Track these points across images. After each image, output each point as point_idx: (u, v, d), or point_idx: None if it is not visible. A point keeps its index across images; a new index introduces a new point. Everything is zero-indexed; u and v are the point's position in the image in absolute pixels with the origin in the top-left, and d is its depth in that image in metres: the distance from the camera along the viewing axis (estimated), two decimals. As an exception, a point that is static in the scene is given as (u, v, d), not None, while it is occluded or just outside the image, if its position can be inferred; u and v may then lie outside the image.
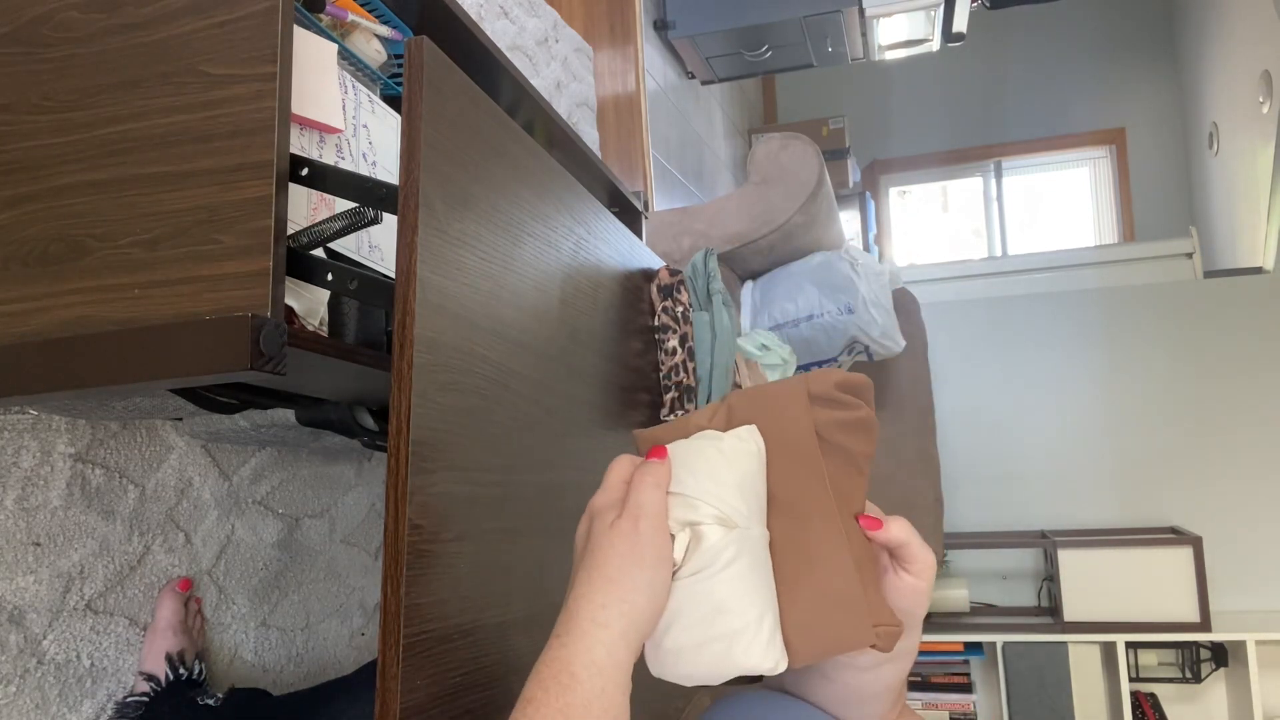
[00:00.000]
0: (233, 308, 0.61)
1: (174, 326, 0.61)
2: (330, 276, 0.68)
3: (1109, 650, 2.82)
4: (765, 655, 0.51)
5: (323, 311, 0.78)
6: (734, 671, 0.52)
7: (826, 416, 0.55)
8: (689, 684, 0.53)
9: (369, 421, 0.96)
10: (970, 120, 5.11)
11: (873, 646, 0.52)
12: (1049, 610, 3.05)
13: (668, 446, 0.56)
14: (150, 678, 0.98)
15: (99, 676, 0.96)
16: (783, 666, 0.52)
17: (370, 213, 0.69)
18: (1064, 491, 3.16)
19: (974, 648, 2.92)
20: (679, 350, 1.10)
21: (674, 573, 0.52)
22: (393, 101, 0.95)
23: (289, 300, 0.72)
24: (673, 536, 0.52)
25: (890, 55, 3.65)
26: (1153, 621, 2.77)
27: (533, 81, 1.78)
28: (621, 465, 0.56)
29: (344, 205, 0.72)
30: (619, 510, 0.53)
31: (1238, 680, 2.81)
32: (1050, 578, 2.96)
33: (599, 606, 0.49)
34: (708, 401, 1.17)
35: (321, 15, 0.89)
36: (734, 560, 0.52)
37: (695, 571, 0.51)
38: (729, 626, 0.51)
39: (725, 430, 0.57)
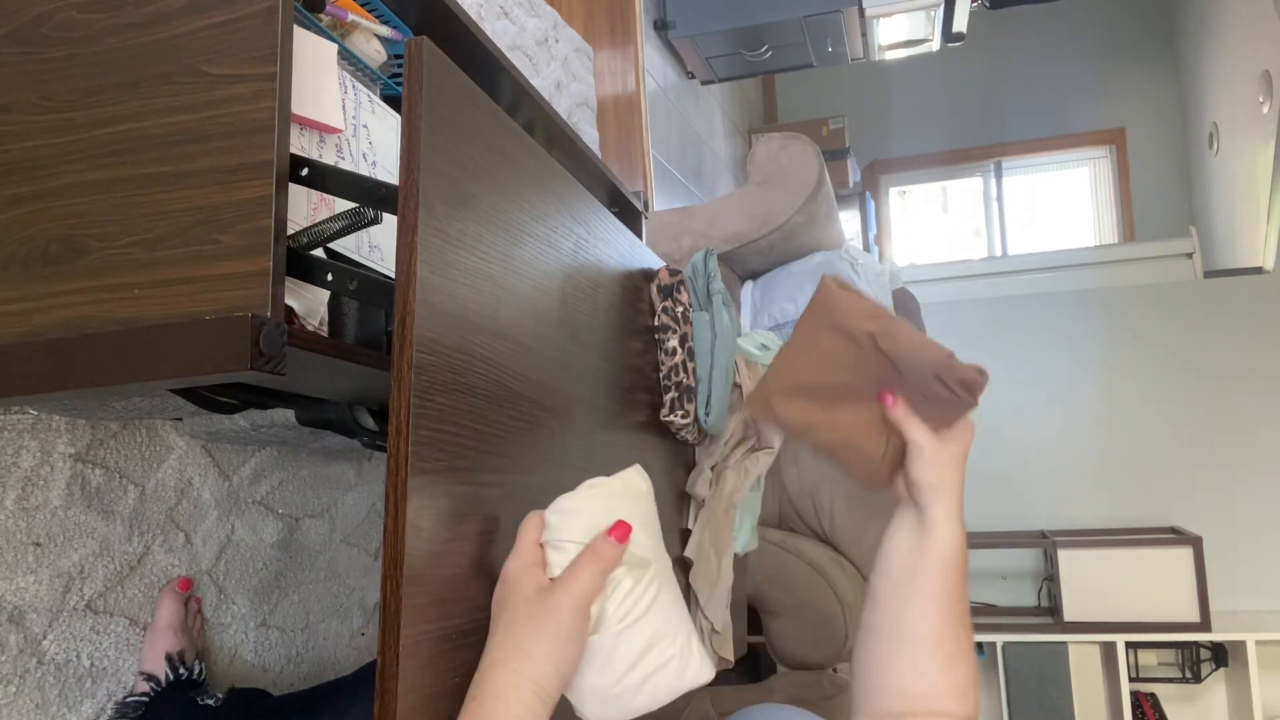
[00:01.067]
0: (233, 308, 0.61)
1: (174, 326, 0.61)
2: (330, 276, 0.68)
3: (1109, 650, 2.82)
4: (700, 671, 0.58)
5: (323, 311, 0.78)
6: (676, 694, 0.58)
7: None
8: (634, 715, 0.58)
9: (369, 421, 0.96)
10: (970, 120, 5.11)
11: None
12: (1049, 610, 3.04)
13: (560, 501, 0.61)
14: (150, 678, 0.98)
15: (99, 676, 0.96)
16: (712, 675, 0.60)
17: (370, 213, 0.69)
18: (1064, 491, 3.16)
19: (974, 648, 2.92)
20: (679, 350, 1.10)
21: (602, 625, 0.56)
22: (393, 101, 0.95)
23: (289, 300, 0.72)
24: None
25: (890, 55, 3.65)
26: (1152, 621, 2.77)
27: (533, 81, 1.78)
28: (533, 526, 0.61)
29: (344, 205, 0.72)
30: (534, 578, 0.57)
31: (1238, 680, 2.81)
32: (1050, 578, 2.96)
33: (513, 671, 0.53)
34: (707, 402, 1.17)
35: (321, 15, 0.89)
36: (655, 600, 0.57)
37: (621, 619, 0.56)
38: (663, 657, 0.57)
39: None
